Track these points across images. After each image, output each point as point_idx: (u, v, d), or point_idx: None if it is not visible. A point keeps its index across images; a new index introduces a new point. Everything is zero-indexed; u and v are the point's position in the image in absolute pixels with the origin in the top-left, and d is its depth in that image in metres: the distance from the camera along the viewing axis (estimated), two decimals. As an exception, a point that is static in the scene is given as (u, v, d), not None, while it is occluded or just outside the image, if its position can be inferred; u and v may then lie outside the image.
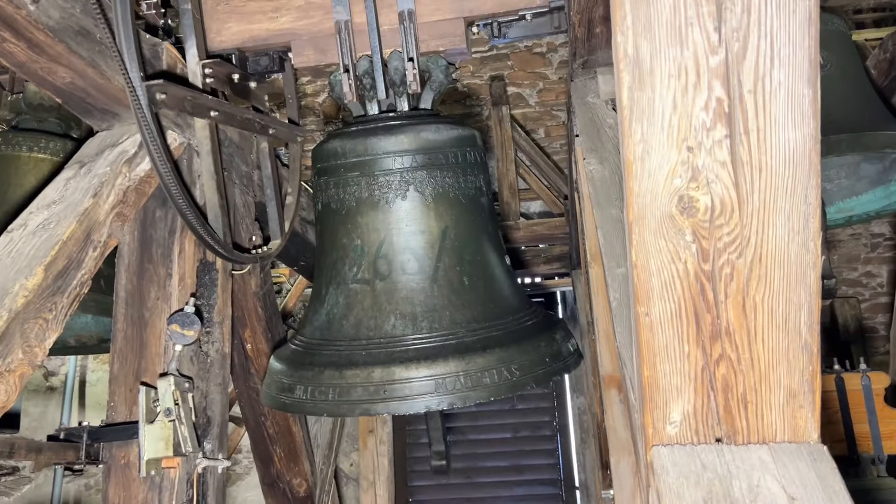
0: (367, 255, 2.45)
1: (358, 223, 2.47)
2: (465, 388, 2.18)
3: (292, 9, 2.65)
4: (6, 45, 2.02)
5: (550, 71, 5.94)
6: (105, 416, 2.52)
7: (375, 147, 2.47)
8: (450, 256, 2.44)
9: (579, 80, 2.37)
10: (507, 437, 5.95)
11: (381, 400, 2.24)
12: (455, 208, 2.47)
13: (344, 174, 2.50)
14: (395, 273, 2.42)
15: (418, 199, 2.44)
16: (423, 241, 2.43)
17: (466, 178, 2.53)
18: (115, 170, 2.26)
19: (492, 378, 2.21)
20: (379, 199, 2.44)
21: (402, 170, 2.45)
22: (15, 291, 1.84)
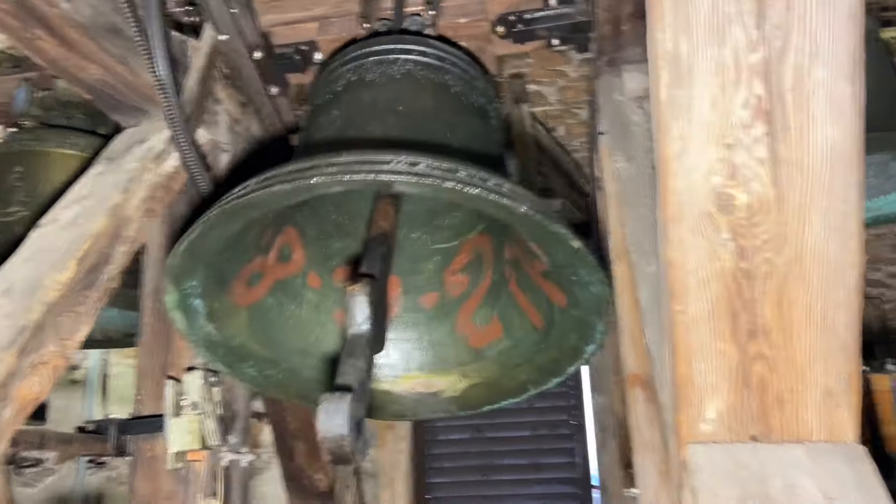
0: (341, 118, 2.15)
1: (341, 100, 2.18)
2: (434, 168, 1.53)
3: (326, 3, 2.70)
4: (39, 42, 2.04)
5: (571, 69, 5.90)
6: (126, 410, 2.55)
7: (376, 42, 2.29)
8: (439, 125, 2.13)
9: (604, 77, 2.36)
10: (525, 435, 5.93)
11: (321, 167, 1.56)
12: (455, 101, 2.22)
13: (338, 70, 2.30)
14: (369, 126, 2.09)
15: (414, 81, 2.18)
16: (412, 107, 2.13)
17: (473, 92, 2.30)
18: (144, 166, 2.28)
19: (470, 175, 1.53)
20: (368, 80, 2.19)
21: (403, 59, 2.23)
22: (48, 285, 1.87)
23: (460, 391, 2.36)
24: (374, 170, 1.48)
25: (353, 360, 1.41)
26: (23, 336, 1.75)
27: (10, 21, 1.94)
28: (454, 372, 2.37)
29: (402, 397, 2.40)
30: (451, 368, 2.37)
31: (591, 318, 1.88)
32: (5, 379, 1.68)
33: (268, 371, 2.17)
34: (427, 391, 2.39)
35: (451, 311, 2.40)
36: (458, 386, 2.37)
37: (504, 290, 2.29)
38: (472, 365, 2.35)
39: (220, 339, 2.01)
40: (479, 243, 2.44)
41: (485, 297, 2.36)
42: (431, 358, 2.39)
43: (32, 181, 2.85)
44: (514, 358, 2.25)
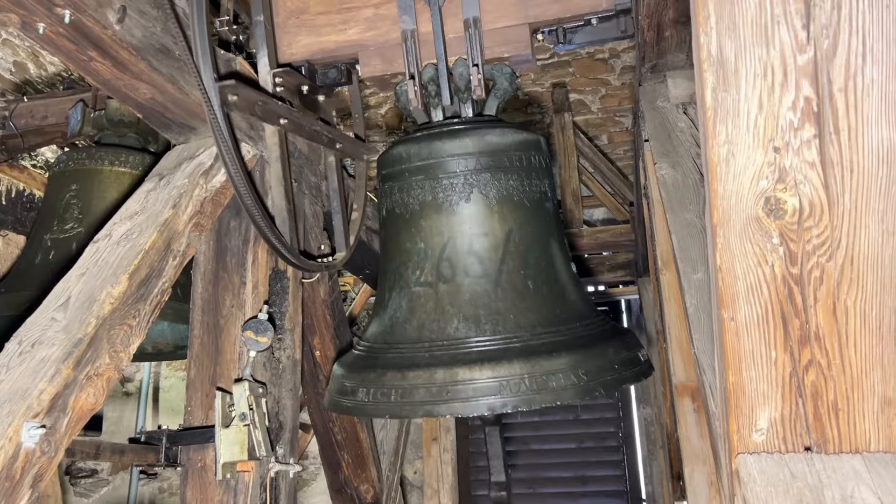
0: (430, 258, 2.43)
1: (421, 226, 2.45)
2: (529, 391, 2.12)
3: (360, 20, 2.69)
4: (93, 64, 2.11)
5: (613, 77, 5.87)
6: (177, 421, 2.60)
7: (440, 150, 2.45)
8: (514, 259, 2.39)
9: (648, 84, 2.34)
10: (571, 447, 5.87)
11: (443, 401, 2.19)
12: (519, 211, 2.43)
13: (408, 178, 2.49)
14: (458, 276, 2.39)
15: (482, 201, 2.41)
16: (487, 243, 2.39)
17: (531, 181, 2.50)
18: (193, 181, 2.34)
19: (558, 381, 2.14)
20: (442, 202, 2.43)
21: (466, 172, 2.42)
22: (102, 299, 1.92)
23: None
24: (487, 406, 2.06)
25: None
26: (78, 349, 1.81)
27: (66, 44, 2.02)
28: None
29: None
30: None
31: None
32: (62, 390, 1.73)
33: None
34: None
35: None
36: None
37: None
38: None
39: None
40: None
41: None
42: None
43: (87, 198, 2.93)
44: None
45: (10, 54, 4.28)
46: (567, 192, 5.26)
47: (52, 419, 1.70)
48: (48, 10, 1.89)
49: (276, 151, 2.56)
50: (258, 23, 2.57)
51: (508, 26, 2.57)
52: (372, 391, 2.32)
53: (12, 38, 4.18)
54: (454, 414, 2.16)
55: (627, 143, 6.02)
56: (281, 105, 2.46)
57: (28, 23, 1.91)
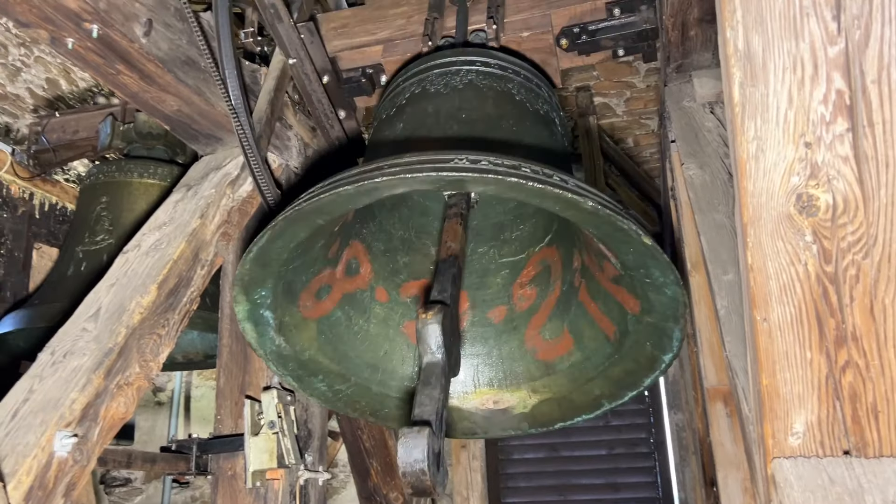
0: (405, 130, 2.09)
1: (405, 112, 2.15)
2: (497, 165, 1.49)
3: (391, 27, 2.81)
4: (121, 77, 2.14)
5: (638, 79, 5.82)
6: (209, 429, 2.61)
7: (439, 56, 2.28)
8: (504, 133, 2.06)
9: (673, 84, 2.31)
10: (601, 454, 5.80)
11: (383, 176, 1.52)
12: (519, 108, 2.16)
13: (402, 84, 2.29)
14: (433, 134, 2.04)
15: (477, 90, 2.14)
16: (475, 115, 2.07)
17: (537, 99, 2.26)
18: (220, 191, 2.36)
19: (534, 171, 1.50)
20: (431, 91, 2.17)
21: (465, 70, 2.21)
22: (131, 309, 1.94)
23: (531, 407, 2.31)
24: (437, 167, 1.48)
25: (429, 390, 1.41)
26: (109, 358, 1.83)
27: (95, 58, 2.05)
28: (524, 387, 2.33)
29: (472, 414, 2.37)
30: (521, 383, 2.33)
31: (668, 325, 1.79)
32: (93, 400, 1.75)
33: (338, 386, 2.17)
34: (497, 407, 2.35)
35: (519, 325, 2.37)
36: (528, 402, 2.32)
37: (574, 301, 2.24)
38: (542, 380, 2.29)
39: (290, 352, 2.03)
40: (547, 255, 2.40)
41: (553, 308, 2.31)
42: (501, 373, 2.36)
43: (117, 210, 2.98)
44: (587, 371, 2.18)
45: (42, 71, 4.36)
46: (593, 197, 5.20)
47: (84, 428, 1.72)
48: (76, 26, 1.92)
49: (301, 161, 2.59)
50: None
51: (531, 16, 2.61)
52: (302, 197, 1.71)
53: (44, 56, 4.26)
54: (390, 186, 1.55)
55: (654, 146, 5.96)
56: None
57: (57, 38, 1.95)
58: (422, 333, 1.45)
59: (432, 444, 1.22)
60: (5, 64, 4.20)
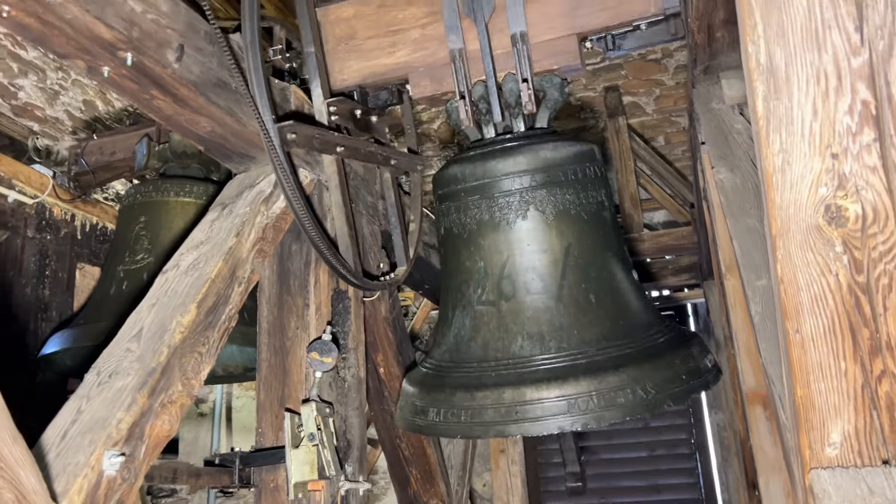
0: (490, 276, 2.46)
1: (480, 245, 2.49)
2: (598, 408, 2.14)
3: (408, 42, 2.73)
4: (155, 102, 2.20)
5: (667, 77, 5.77)
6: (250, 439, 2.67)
7: (494, 169, 2.49)
8: (574, 274, 2.40)
9: (701, 86, 2.29)
10: (642, 455, 5.76)
11: (513, 421, 2.24)
12: (577, 225, 2.44)
13: (464, 198, 2.54)
14: (519, 293, 2.41)
15: (539, 218, 2.43)
16: (546, 259, 2.41)
17: (587, 193, 2.49)
18: (254, 209, 2.41)
19: (626, 397, 2.15)
20: (500, 221, 2.45)
21: (522, 190, 2.45)
22: (172, 328, 1.99)
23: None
24: (556, 426, 2.14)
25: None
26: (152, 377, 1.88)
27: (130, 85, 2.10)
28: None
29: None
30: None
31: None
32: (138, 419, 1.80)
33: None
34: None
35: None
36: None
37: None
38: None
39: None
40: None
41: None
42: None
43: (155, 229, 3.05)
44: None
45: (79, 93, 4.48)
46: (625, 197, 5.18)
47: (131, 447, 1.77)
48: (111, 55, 1.98)
49: (334, 179, 2.62)
50: (309, 54, 2.63)
51: (556, 38, 2.57)
52: (442, 411, 2.35)
53: (81, 78, 4.38)
54: (524, 433, 2.20)
55: (685, 143, 5.90)
56: (337, 135, 2.51)
57: (94, 68, 2.01)
58: None
59: None
60: (44, 88, 4.33)
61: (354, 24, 2.77)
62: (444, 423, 2.39)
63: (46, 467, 1.66)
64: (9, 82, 4.16)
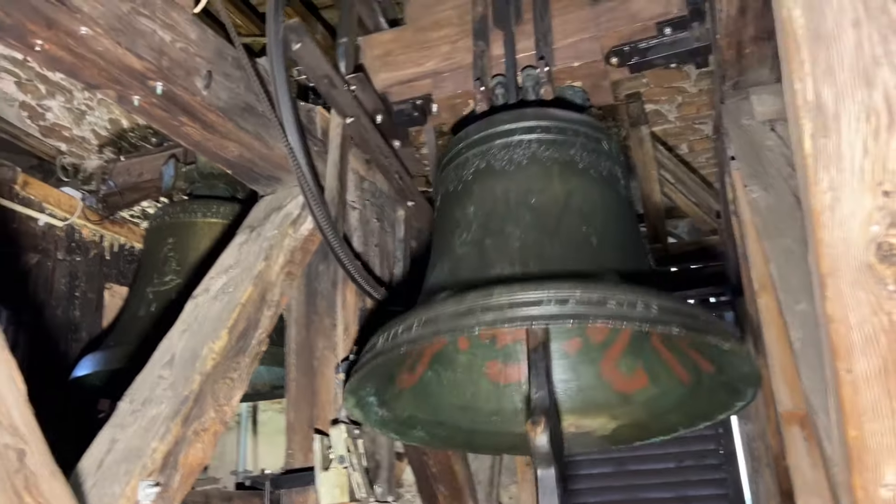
0: (477, 217, 2.10)
1: (472, 192, 2.16)
2: (579, 303, 1.55)
3: (438, 55, 2.78)
4: (184, 129, 2.22)
5: (689, 84, 5.72)
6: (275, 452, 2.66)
7: (499, 122, 2.24)
8: (575, 217, 2.03)
9: (731, 101, 2.27)
10: (670, 466, 5.68)
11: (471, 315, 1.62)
12: (584, 179, 2.12)
13: (464, 153, 2.26)
14: (507, 227, 2.02)
15: (541, 165, 2.11)
16: (544, 199, 2.05)
17: (598, 160, 2.20)
18: (282, 231, 2.41)
19: (619, 304, 1.55)
20: (497, 168, 2.15)
21: (528, 141, 2.16)
22: (204, 355, 2.00)
23: (610, 430, 2.40)
24: (530, 316, 1.56)
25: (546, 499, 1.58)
26: (185, 405, 1.88)
27: (159, 113, 2.12)
28: (604, 414, 2.39)
29: None
30: (601, 411, 2.40)
31: (741, 387, 1.87)
32: (172, 448, 1.81)
33: (434, 431, 2.35)
34: (578, 431, 2.42)
35: (595, 357, 2.41)
36: (608, 426, 2.39)
37: (647, 345, 2.25)
38: (620, 408, 2.36)
39: (391, 417, 2.23)
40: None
41: (628, 346, 2.34)
42: (580, 402, 2.41)
43: (184, 250, 3.07)
44: (663, 405, 2.25)
45: (105, 112, 4.54)
46: (649, 206, 5.14)
47: (165, 476, 1.77)
48: (141, 84, 1.99)
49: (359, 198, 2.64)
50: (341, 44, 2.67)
51: (580, 40, 2.58)
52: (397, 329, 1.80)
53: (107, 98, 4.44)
54: (484, 324, 1.60)
55: (709, 151, 5.85)
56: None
57: (124, 97, 2.03)
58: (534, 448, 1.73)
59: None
60: (71, 108, 4.38)
61: (390, 45, 2.83)
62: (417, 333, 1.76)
63: (83, 497, 1.67)
64: (37, 103, 4.22)
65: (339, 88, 2.48)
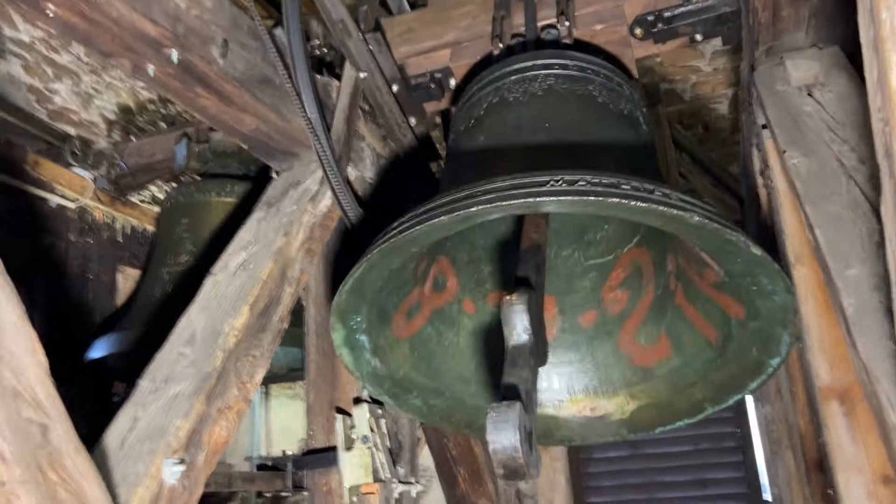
0: (489, 149, 1.98)
1: (484, 124, 2.05)
2: (590, 185, 1.40)
3: (458, 28, 2.72)
4: (200, 100, 2.15)
5: (703, 63, 5.64)
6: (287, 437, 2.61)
7: (514, 62, 2.15)
8: (592, 146, 1.92)
9: (763, 67, 2.19)
10: (686, 449, 5.65)
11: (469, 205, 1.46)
12: (603, 111, 2.02)
13: (477, 94, 2.17)
14: (519, 148, 1.90)
15: (558, 95, 2.02)
16: (561, 124, 1.95)
17: (619, 99, 2.11)
18: (301, 207, 2.35)
19: (634, 189, 1.40)
20: (510, 100, 2.04)
21: (543, 75, 2.07)
22: (226, 332, 1.94)
23: (629, 413, 2.25)
24: (533, 192, 1.41)
25: (517, 370, 1.36)
26: (208, 383, 1.83)
27: (174, 84, 2.06)
28: (621, 393, 2.27)
29: (568, 422, 2.32)
30: (618, 390, 2.27)
31: (776, 330, 1.74)
32: (196, 426, 1.76)
33: (432, 401, 2.16)
34: (594, 415, 2.30)
35: (612, 330, 2.29)
36: (626, 408, 2.26)
37: (670, 305, 2.15)
38: (640, 385, 2.23)
39: (385, 372, 2.03)
40: (637, 256, 2.31)
41: (648, 313, 2.23)
42: (596, 380, 2.29)
43: (198, 230, 3.02)
44: (687, 376, 2.11)
45: (113, 97, 4.47)
46: (665, 187, 5.05)
47: (190, 455, 1.72)
48: (156, 52, 1.93)
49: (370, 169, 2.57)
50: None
51: (604, 7, 2.51)
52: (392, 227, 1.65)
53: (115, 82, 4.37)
54: (485, 213, 1.47)
55: (725, 131, 5.76)
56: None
57: (139, 66, 1.96)
58: (507, 316, 1.40)
59: (523, 420, 1.15)
60: (79, 92, 4.32)
61: (413, 24, 2.77)
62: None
63: (107, 475, 1.61)
64: (44, 87, 4.16)
65: (354, 38, 2.40)
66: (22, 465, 1.27)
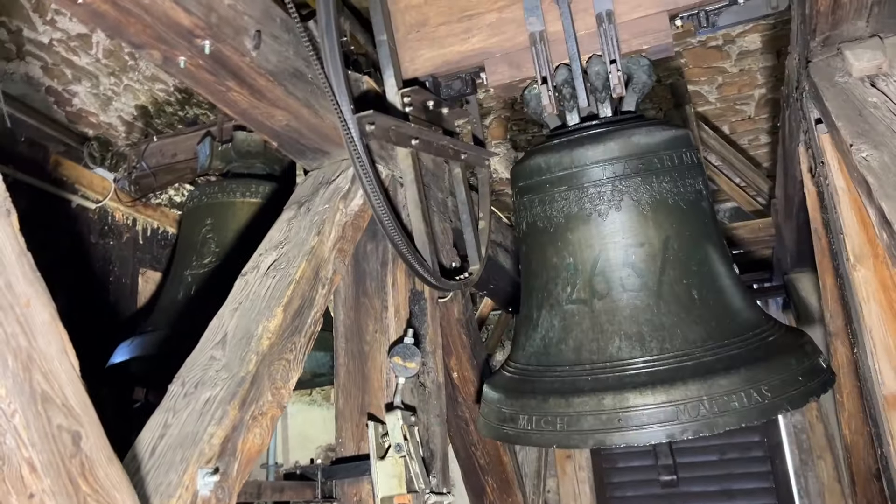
0: (581, 273, 2.30)
1: (569, 240, 2.32)
2: (710, 414, 1.96)
3: (483, 27, 2.55)
4: (231, 94, 2.07)
5: (729, 64, 5.55)
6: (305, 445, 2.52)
7: (583, 157, 2.33)
8: (674, 269, 2.23)
9: (820, 59, 2.09)
10: (713, 459, 5.50)
11: (615, 429, 2.05)
12: (675, 216, 2.27)
13: (550, 190, 2.37)
14: (614, 290, 2.24)
15: (634, 208, 2.26)
16: (644, 253, 2.24)
17: (685, 181, 2.34)
18: (333, 206, 2.27)
19: (740, 401, 1.98)
20: (590, 213, 2.29)
21: (614, 178, 2.29)
22: (259, 334, 1.85)
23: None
24: (664, 434, 1.97)
25: None
26: (242, 388, 1.74)
27: (206, 76, 1.98)
28: None
29: None
30: None
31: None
32: (230, 433, 1.66)
33: None
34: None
35: None
36: None
37: None
38: None
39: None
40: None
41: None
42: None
43: (222, 231, 2.94)
44: None
45: (131, 99, 4.42)
46: (693, 189, 4.95)
47: (224, 464, 1.63)
48: (188, 42, 1.85)
49: (410, 174, 2.47)
50: (382, 42, 2.48)
51: (645, 16, 2.38)
52: (535, 418, 2.19)
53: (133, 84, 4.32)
54: (629, 443, 2.01)
55: (751, 133, 5.67)
56: (412, 126, 2.36)
57: (169, 58, 1.88)
58: None
59: None
60: (97, 94, 4.27)
61: (426, 10, 2.59)
62: (537, 432, 2.22)
63: (138, 487, 1.52)
64: (63, 89, 4.11)
65: (402, 129, 2.31)
66: (52, 475, 1.18)
